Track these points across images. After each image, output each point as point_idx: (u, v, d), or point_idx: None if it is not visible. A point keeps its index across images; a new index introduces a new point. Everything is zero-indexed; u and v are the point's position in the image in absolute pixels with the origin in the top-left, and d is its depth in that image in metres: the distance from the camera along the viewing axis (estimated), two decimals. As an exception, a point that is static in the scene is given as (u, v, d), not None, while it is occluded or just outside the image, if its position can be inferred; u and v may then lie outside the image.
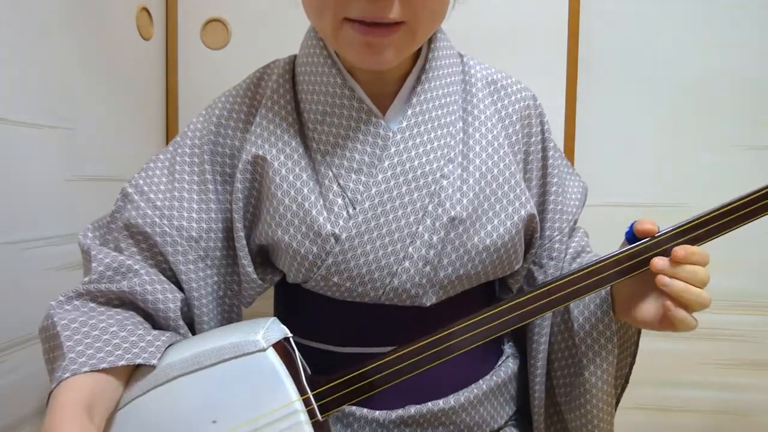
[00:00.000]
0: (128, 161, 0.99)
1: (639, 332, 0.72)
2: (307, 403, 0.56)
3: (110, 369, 0.54)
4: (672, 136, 1.12)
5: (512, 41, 1.08)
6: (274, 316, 0.79)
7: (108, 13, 0.94)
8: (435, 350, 0.58)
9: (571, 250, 0.74)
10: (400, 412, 0.66)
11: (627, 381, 0.75)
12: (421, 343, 0.58)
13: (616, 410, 0.72)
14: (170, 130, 1.14)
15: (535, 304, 0.59)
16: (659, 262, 0.57)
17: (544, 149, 0.74)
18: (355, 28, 0.57)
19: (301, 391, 0.56)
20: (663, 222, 0.61)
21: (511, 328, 0.59)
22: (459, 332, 0.58)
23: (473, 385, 0.69)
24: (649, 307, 0.60)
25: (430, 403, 0.66)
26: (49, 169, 0.81)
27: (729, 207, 0.58)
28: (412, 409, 0.66)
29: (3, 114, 0.72)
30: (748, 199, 0.58)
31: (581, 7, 1.08)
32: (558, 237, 0.73)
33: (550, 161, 0.74)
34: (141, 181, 0.68)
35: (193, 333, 0.66)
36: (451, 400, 0.67)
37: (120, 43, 0.98)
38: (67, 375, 0.52)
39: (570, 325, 0.69)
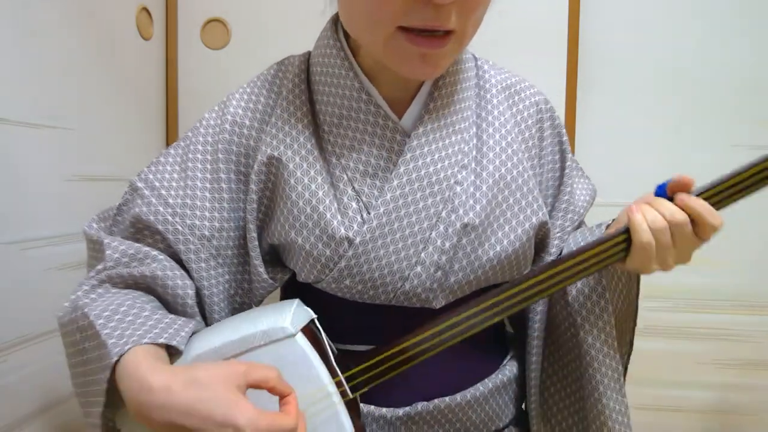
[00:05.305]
0: (128, 161, 0.99)
1: (638, 294, 0.73)
2: (338, 384, 0.58)
3: (152, 344, 0.55)
4: (672, 136, 1.12)
5: (512, 41, 1.09)
6: None
7: (108, 13, 0.94)
8: (456, 329, 0.61)
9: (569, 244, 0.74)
10: (407, 409, 0.66)
11: (631, 346, 0.76)
12: (444, 324, 0.61)
13: (625, 379, 0.71)
14: (170, 130, 1.14)
15: (539, 287, 0.62)
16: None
17: (562, 152, 0.75)
18: (410, 39, 0.56)
19: (332, 373, 0.57)
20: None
21: (520, 306, 0.62)
22: (472, 315, 0.62)
23: (479, 383, 0.69)
24: None
25: (437, 400, 0.66)
26: (49, 169, 0.81)
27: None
28: (419, 406, 0.66)
29: (3, 114, 0.72)
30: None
31: (581, 8, 1.08)
32: (559, 234, 0.74)
33: (568, 162, 0.74)
34: (151, 176, 0.67)
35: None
36: (458, 397, 0.67)
37: (120, 43, 0.98)
38: (114, 359, 0.52)
39: (566, 299, 0.70)
